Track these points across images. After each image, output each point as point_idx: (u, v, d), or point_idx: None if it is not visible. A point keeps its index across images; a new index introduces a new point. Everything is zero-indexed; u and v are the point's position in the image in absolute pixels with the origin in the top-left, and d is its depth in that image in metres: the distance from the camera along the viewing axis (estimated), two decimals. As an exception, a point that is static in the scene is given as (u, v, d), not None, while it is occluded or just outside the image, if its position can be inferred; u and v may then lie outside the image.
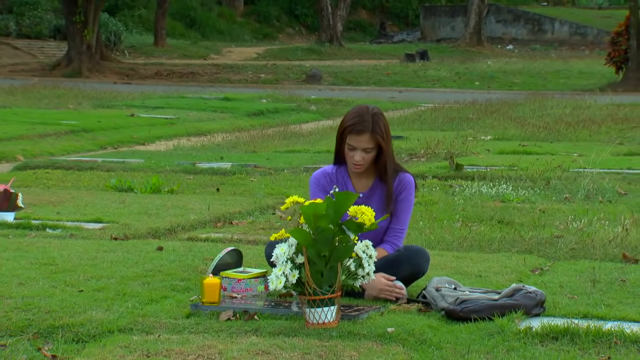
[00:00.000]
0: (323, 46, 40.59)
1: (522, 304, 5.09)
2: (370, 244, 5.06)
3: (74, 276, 5.79)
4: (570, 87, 27.08)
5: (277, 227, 7.68)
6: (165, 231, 7.49)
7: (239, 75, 30.37)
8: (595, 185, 9.33)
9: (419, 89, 27.20)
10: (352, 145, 5.44)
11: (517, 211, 8.30)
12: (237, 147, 13.43)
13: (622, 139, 13.90)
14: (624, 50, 27.36)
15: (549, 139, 13.78)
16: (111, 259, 6.30)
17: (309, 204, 4.90)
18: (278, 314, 5.11)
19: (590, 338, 4.65)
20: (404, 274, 5.49)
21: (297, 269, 4.93)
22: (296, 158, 11.95)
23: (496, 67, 32.23)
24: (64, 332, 4.82)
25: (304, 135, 14.80)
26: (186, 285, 5.65)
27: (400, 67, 32.09)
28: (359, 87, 27.35)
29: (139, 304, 5.23)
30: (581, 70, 31.40)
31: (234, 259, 5.76)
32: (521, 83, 28.30)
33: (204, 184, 9.89)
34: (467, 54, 39.43)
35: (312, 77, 28.79)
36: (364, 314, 5.09)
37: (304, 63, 34.29)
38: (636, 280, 5.79)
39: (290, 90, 22.80)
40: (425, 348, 4.63)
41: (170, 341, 4.69)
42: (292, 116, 18.45)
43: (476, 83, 28.40)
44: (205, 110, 18.65)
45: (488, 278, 5.92)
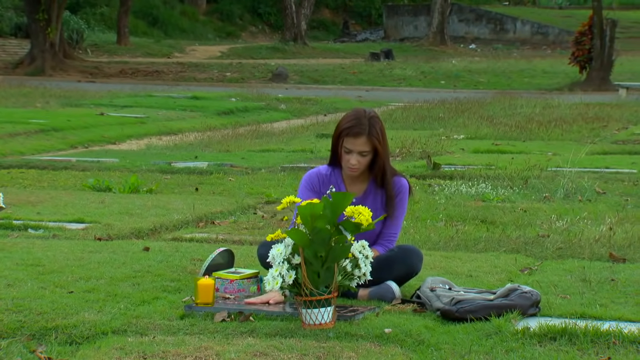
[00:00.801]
0: (287, 45, 40.53)
1: (518, 304, 5.08)
2: (367, 244, 5.05)
3: (62, 277, 5.73)
4: (535, 87, 27.21)
5: (260, 227, 7.66)
6: (148, 231, 7.44)
7: (204, 74, 30.25)
8: (573, 184, 9.36)
9: (385, 87, 27.22)
10: (348, 148, 5.42)
11: (499, 210, 8.31)
12: (210, 146, 13.37)
13: (594, 137, 13.97)
14: (587, 50, 27.52)
15: (521, 137, 13.83)
16: (98, 259, 6.25)
17: (307, 204, 4.86)
18: (273, 314, 5.08)
19: (589, 338, 4.64)
20: (397, 274, 5.48)
21: (293, 270, 4.90)
22: (271, 157, 11.92)
23: (461, 66, 32.32)
24: (57, 334, 4.77)
25: (276, 134, 14.77)
26: (177, 286, 5.61)
27: (366, 66, 32.11)
28: (326, 86, 27.33)
29: (131, 305, 5.19)
30: (545, 69, 31.56)
31: (226, 259, 5.73)
32: (486, 82, 28.40)
33: (182, 184, 9.83)
34: (430, 53, 39.52)
35: (278, 76, 28.73)
36: (360, 314, 5.07)
37: (268, 62, 34.22)
38: (626, 280, 5.81)
39: (257, 89, 22.73)
40: (423, 349, 4.61)
41: (165, 343, 4.65)
42: (262, 115, 18.40)
43: (442, 82, 28.46)
44: (175, 109, 18.56)
45: (479, 278, 5.92)
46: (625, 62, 28.54)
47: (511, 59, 36.40)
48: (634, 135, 14.08)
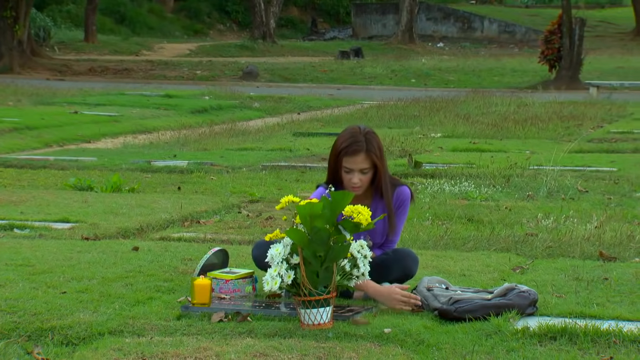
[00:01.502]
0: (256, 43, 40.42)
1: (516, 304, 5.08)
2: (365, 244, 5.03)
3: (53, 277, 5.70)
4: (505, 85, 27.29)
5: (247, 226, 7.64)
6: (135, 231, 7.41)
7: (174, 72, 30.13)
8: (556, 183, 9.39)
9: (356, 86, 27.22)
10: (348, 167, 5.38)
11: (484, 209, 8.32)
12: (187, 144, 13.32)
13: (569, 136, 14.03)
14: (557, 49, 27.62)
15: (498, 136, 13.86)
16: (88, 259, 6.22)
17: (306, 204, 4.84)
18: (271, 315, 5.05)
19: (589, 338, 4.65)
20: (393, 277, 5.47)
21: (292, 270, 4.88)
22: (250, 156, 11.88)
23: (431, 65, 32.38)
24: (53, 335, 4.73)
25: (252, 133, 14.73)
26: (170, 286, 5.58)
27: (336, 65, 32.10)
28: (297, 84, 27.29)
29: (126, 306, 5.16)
30: (514, 68, 31.67)
31: (220, 259, 5.70)
32: (456, 80, 28.45)
33: (164, 183, 9.79)
34: (399, 51, 39.55)
35: (248, 74, 28.66)
36: (358, 314, 5.06)
37: (238, 60, 34.13)
38: (619, 279, 5.82)
39: (229, 87, 22.66)
40: (423, 349, 4.60)
41: (164, 343, 4.63)
42: (236, 113, 18.35)
43: (412, 80, 28.48)
44: (148, 107, 18.48)
45: (472, 277, 5.92)
46: (593, 60, 28.70)
47: (480, 58, 36.50)
48: (609, 133, 14.14)
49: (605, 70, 30.71)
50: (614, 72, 30.16)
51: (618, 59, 35.38)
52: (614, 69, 31.41)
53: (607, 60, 34.22)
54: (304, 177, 10.13)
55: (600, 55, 35.13)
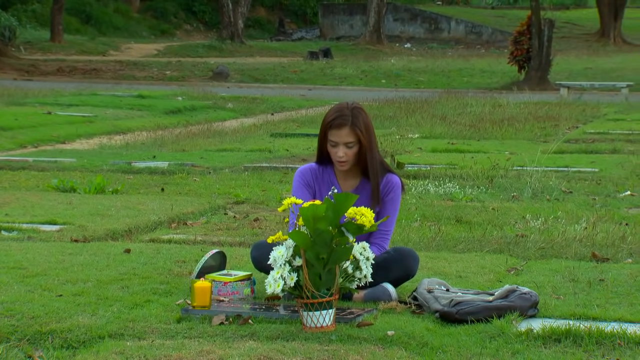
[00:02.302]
0: (224, 43, 40.31)
1: (518, 305, 5.07)
2: (368, 246, 5.01)
3: (48, 280, 5.65)
4: (474, 85, 27.36)
5: (235, 228, 7.60)
6: (123, 233, 7.35)
7: (144, 72, 29.97)
8: (540, 184, 9.41)
9: (327, 86, 27.19)
10: (333, 141, 5.40)
11: (471, 210, 8.32)
12: (165, 145, 13.24)
13: (546, 137, 14.08)
14: (526, 50, 27.74)
15: (476, 137, 13.88)
16: (80, 262, 6.17)
17: (309, 206, 4.81)
18: (272, 317, 5.02)
19: (594, 340, 4.64)
20: (394, 276, 5.45)
21: (295, 272, 4.85)
22: (230, 157, 11.84)
23: (400, 65, 32.42)
24: (53, 339, 4.68)
25: (229, 134, 14.67)
26: (167, 289, 5.54)
27: (306, 65, 32.07)
28: (267, 85, 27.23)
29: (124, 309, 5.12)
30: (482, 68, 31.77)
31: (217, 261, 5.66)
32: (426, 81, 28.50)
33: (147, 184, 9.72)
34: (367, 52, 39.59)
35: (218, 74, 28.57)
36: (359, 316, 5.03)
37: (207, 60, 34.02)
38: (614, 280, 5.82)
39: (202, 88, 22.59)
40: (427, 351, 4.58)
41: (165, 347, 4.59)
42: (210, 114, 18.28)
43: (383, 81, 28.50)
44: (122, 107, 18.37)
45: (468, 278, 5.91)
46: (560, 61, 28.84)
47: (449, 58, 36.60)
48: (586, 134, 14.20)
49: (573, 71, 30.89)
50: (581, 73, 30.34)
51: (585, 60, 35.60)
52: (581, 69, 31.60)
53: (574, 61, 34.44)
54: (287, 179, 10.10)
55: (567, 56, 35.31)
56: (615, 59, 36.51)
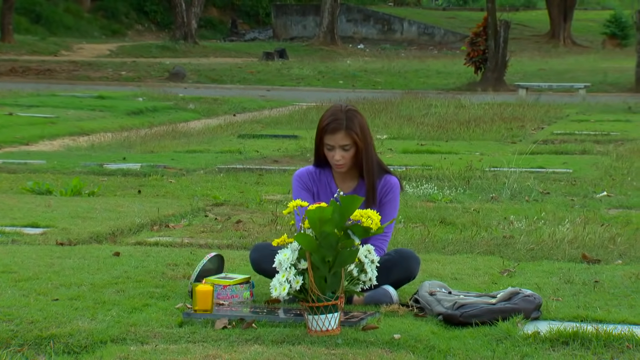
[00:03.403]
0: (178, 43, 40.11)
1: (522, 308, 5.05)
2: (373, 249, 4.98)
3: (41, 284, 5.58)
4: (431, 86, 27.44)
5: (219, 230, 7.54)
6: (107, 235, 7.27)
7: (99, 73, 29.72)
8: (518, 185, 9.43)
9: (284, 87, 27.14)
10: (329, 144, 5.39)
11: (453, 211, 8.30)
12: (132, 147, 13.12)
13: (513, 137, 14.13)
14: (482, 51, 27.90)
15: (444, 137, 13.89)
16: (71, 265, 6.11)
17: (316, 208, 4.76)
18: (275, 321, 4.97)
19: (602, 343, 4.62)
20: (395, 278, 5.42)
21: (300, 275, 4.80)
22: (201, 158, 11.76)
23: (356, 66, 32.44)
24: (54, 344, 4.62)
25: (195, 135, 14.57)
26: (163, 292, 5.49)
27: (262, 66, 31.98)
28: (225, 86, 27.11)
29: (124, 313, 5.06)
30: (438, 69, 31.86)
31: (215, 264, 5.61)
32: (384, 82, 28.52)
33: (122, 186, 9.62)
34: (322, 52, 39.58)
35: (175, 75, 28.40)
36: (363, 320, 4.99)
37: (161, 60, 33.80)
38: (609, 281, 5.83)
39: (163, 89, 22.46)
40: (435, 355, 4.55)
41: (170, 351, 4.54)
42: (172, 115, 18.15)
43: (340, 82, 28.49)
44: (83, 108, 18.20)
45: (463, 280, 5.89)
46: (514, 62, 28.97)
47: (404, 59, 36.69)
48: (552, 135, 14.27)
49: (528, 72, 31.10)
50: (536, 74, 30.55)
51: (538, 61, 35.87)
52: (535, 71, 31.83)
53: (528, 62, 34.68)
54: (263, 180, 10.04)
55: (521, 57, 35.53)
56: (568, 60, 36.85)
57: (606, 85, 27.22)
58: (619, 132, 14.59)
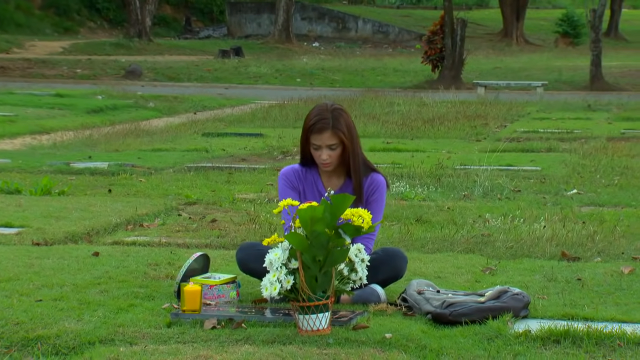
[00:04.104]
0: (132, 41, 39.83)
1: (511, 306, 5.05)
2: (363, 248, 4.96)
3: (22, 285, 5.53)
4: (389, 85, 27.45)
5: (194, 229, 7.48)
6: (83, 235, 7.20)
7: (54, 71, 29.42)
8: (489, 182, 9.44)
9: (242, 85, 27.05)
10: (316, 144, 5.35)
11: (427, 209, 8.29)
12: (96, 146, 12.99)
13: (477, 135, 14.16)
14: (439, 49, 28.00)
15: (409, 135, 13.88)
16: (50, 265, 6.06)
17: (307, 207, 4.72)
18: (265, 321, 4.93)
19: (593, 341, 4.62)
20: (383, 277, 5.41)
21: (291, 275, 4.77)
22: (168, 157, 11.67)
23: (314, 64, 32.40)
24: (41, 345, 4.57)
25: (158, 133, 14.46)
26: (147, 293, 5.45)
27: (219, 64, 31.84)
28: (182, 84, 26.96)
29: (110, 313, 5.02)
30: (395, 68, 31.91)
31: (201, 264, 5.55)
32: (341, 80, 28.51)
33: (92, 185, 9.52)
34: (278, 50, 39.50)
35: (131, 73, 28.21)
36: (353, 319, 4.97)
37: (116, 58, 33.53)
38: (592, 279, 5.85)
39: (122, 87, 22.31)
40: (428, 354, 4.54)
41: (160, 352, 4.51)
42: (132, 113, 18.01)
43: (298, 80, 28.44)
44: (42, 107, 18.01)
45: (447, 279, 5.89)
46: (470, 61, 29.06)
47: (361, 57, 36.73)
48: (516, 132, 14.33)
49: (484, 70, 31.24)
50: (492, 72, 30.70)
51: (494, 60, 36.06)
52: (491, 69, 31.98)
53: (483, 60, 34.84)
54: (233, 179, 9.98)
55: (476, 55, 35.64)
56: (522, 58, 37.08)
57: (561, 83, 27.40)
58: (581, 130, 14.67)
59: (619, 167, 10.71)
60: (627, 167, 10.70)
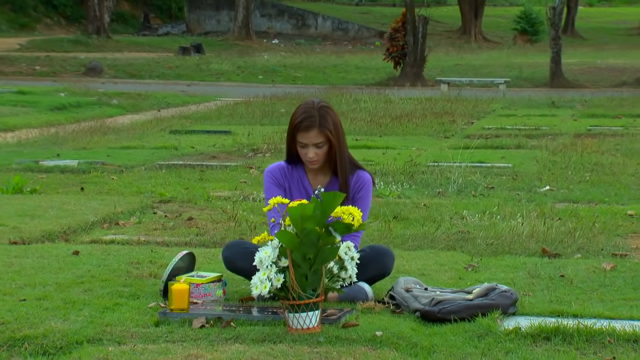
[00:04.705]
0: (90, 38, 39.54)
1: (500, 304, 5.05)
2: (352, 245, 4.93)
3: (4, 285, 5.48)
4: (352, 82, 27.41)
5: (172, 227, 7.43)
6: (59, 234, 7.15)
7: (12, 67, 29.12)
8: (463, 179, 9.45)
9: (204, 82, 26.92)
10: (302, 142, 5.32)
11: (403, 206, 8.28)
12: (63, 143, 12.86)
13: (445, 132, 14.18)
14: (401, 46, 28.02)
15: (377, 133, 13.86)
16: (31, 265, 6.01)
17: (297, 205, 4.70)
18: (254, 319, 4.90)
19: (583, 338, 4.63)
20: (370, 275, 5.39)
21: (281, 273, 4.74)
22: (137, 155, 11.59)
23: (275, 61, 32.32)
24: (28, 345, 4.52)
25: (124, 131, 14.35)
26: (132, 292, 5.42)
27: (180, 61, 31.67)
28: (143, 81, 26.78)
29: (96, 313, 4.98)
30: (357, 65, 31.88)
31: (186, 263, 5.51)
32: (303, 77, 28.46)
33: (64, 183, 9.43)
34: (238, 47, 39.37)
35: (92, 70, 28.00)
36: (342, 317, 4.95)
37: (76, 55, 33.25)
38: (575, 276, 5.86)
39: (84, 84, 22.14)
40: (419, 352, 4.53)
41: (149, 351, 4.48)
42: (96, 110, 17.86)
43: (260, 77, 28.36)
44: (4, 104, 17.82)
45: (431, 276, 5.88)
46: (431, 58, 29.12)
47: (322, 54, 36.67)
48: (484, 129, 14.35)
49: (445, 67, 31.29)
50: (453, 69, 30.76)
51: (454, 57, 36.15)
52: (452, 66, 32.05)
53: (444, 57, 34.91)
54: (206, 176, 9.92)
55: (437, 52, 35.73)
56: (482, 55, 37.19)
57: (522, 80, 27.50)
58: (548, 127, 14.72)
59: (589, 164, 10.75)
60: (597, 164, 10.76)
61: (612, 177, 9.97)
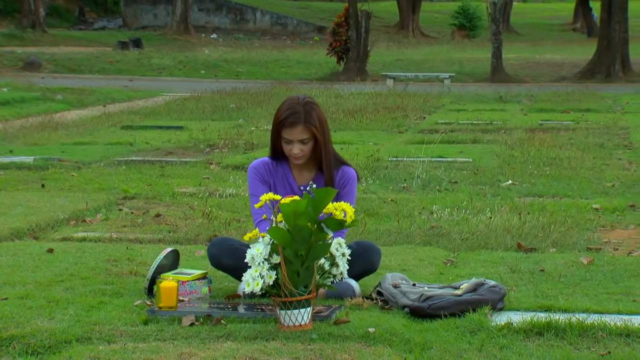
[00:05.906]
0: (26, 32, 39.03)
1: (489, 299, 5.04)
2: (343, 242, 4.89)
3: (-18, 284, 5.36)
4: (295, 77, 27.37)
5: (140, 224, 7.35)
6: (27, 231, 7.04)
7: (-55, 62, 28.62)
8: (426, 174, 9.45)
9: (146, 77, 26.70)
10: (287, 138, 5.26)
11: (371, 202, 8.26)
12: (13, 140, 12.65)
13: (399, 127, 14.18)
14: (344, 41, 28.04)
15: (332, 127, 13.73)
16: (6, 263, 5.94)
17: (290, 202, 4.64)
18: (245, 317, 4.85)
19: (576, 332, 4.62)
20: (357, 271, 5.35)
21: (273, 270, 4.69)
22: (92, 151, 11.45)
23: (216, 56, 32.14)
24: (15, 345, 4.44)
25: (74, 127, 14.16)
26: (115, 289, 5.36)
27: (120, 55, 31.37)
28: (83, 76, 26.50)
29: (82, 311, 4.90)
30: (299, 60, 31.82)
31: (170, 260, 5.43)
32: (246, 72, 28.34)
33: (23, 180, 9.28)
34: (177, 42, 39.09)
35: (30, 65, 27.62)
36: (332, 314, 4.91)
37: (12, 49, 32.74)
38: (554, 270, 5.87)
39: (20, 79, 21.82)
40: (413, 348, 4.50)
41: (140, 350, 4.41)
42: (40, 106, 17.61)
43: (202, 72, 28.18)
44: (-55, 101, 17.50)
45: (412, 271, 5.86)
46: (372, 53, 29.17)
47: (261, 49, 36.56)
48: (437, 124, 14.37)
49: (387, 62, 31.35)
50: (395, 64, 30.83)
51: (395, 52, 36.25)
52: (394, 60, 32.13)
53: (385, 52, 34.98)
54: (167, 172, 9.82)
55: (377, 47, 35.81)
56: (422, 50, 37.35)
57: (464, 75, 27.64)
58: (500, 121, 14.78)
59: (548, 158, 10.81)
60: (556, 158, 10.82)
61: (572, 171, 10.03)
